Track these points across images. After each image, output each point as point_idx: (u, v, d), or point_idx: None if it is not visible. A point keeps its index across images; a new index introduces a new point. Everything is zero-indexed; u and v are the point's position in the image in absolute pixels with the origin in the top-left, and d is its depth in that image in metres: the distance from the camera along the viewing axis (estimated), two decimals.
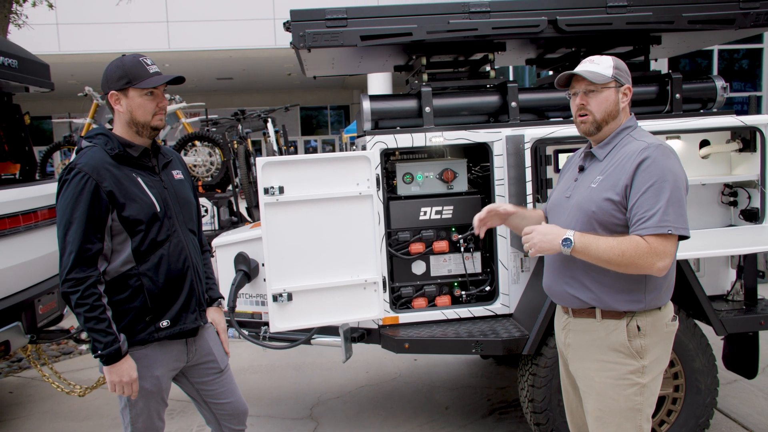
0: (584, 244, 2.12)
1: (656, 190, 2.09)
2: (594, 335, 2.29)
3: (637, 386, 2.24)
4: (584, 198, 2.26)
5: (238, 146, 8.00)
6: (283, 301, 3.23)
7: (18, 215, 3.95)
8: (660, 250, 2.07)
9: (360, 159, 3.29)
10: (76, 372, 5.26)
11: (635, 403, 2.24)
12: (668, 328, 2.29)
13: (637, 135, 2.27)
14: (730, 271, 3.68)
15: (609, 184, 2.20)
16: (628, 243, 2.08)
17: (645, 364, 2.23)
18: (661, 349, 2.28)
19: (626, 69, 2.31)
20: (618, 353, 2.24)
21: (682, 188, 2.13)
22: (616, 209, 2.18)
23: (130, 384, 2.32)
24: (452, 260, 3.59)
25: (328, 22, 3.28)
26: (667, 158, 2.13)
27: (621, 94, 2.28)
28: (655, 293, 2.23)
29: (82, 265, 2.23)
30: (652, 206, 2.08)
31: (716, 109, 3.78)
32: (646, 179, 2.11)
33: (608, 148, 2.29)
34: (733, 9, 3.45)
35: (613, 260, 2.09)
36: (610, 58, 2.30)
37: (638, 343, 2.23)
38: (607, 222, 2.19)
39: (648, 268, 2.09)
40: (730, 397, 4.16)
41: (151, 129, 2.41)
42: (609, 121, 2.29)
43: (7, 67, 4.14)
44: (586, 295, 2.28)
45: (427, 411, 4.21)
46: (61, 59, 16.19)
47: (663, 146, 2.16)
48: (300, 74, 6.88)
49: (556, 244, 2.15)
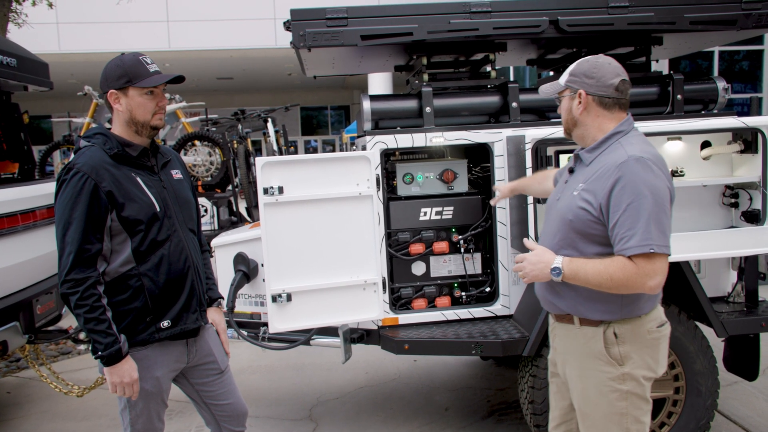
0: (573, 272, 2.13)
1: (635, 208, 2.05)
2: (574, 342, 2.30)
3: (619, 392, 2.21)
4: (565, 205, 2.25)
5: (238, 146, 7.99)
6: (282, 301, 3.22)
7: (16, 215, 3.94)
8: (648, 269, 2.04)
9: (360, 159, 3.28)
10: (75, 372, 5.24)
11: (619, 408, 2.22)
12: (652, 335, 2.23)
13: (624, 142, 2.19)
14: (731, 272, 3.67)
15: (587, 195, 2.17)
16: (615, 266, 2.06)
17: (626, 371, 2.20)
18: (648, 356, 2.22)
19: (586, 71, 2.23)
20: (597, 360, 2.23)
21: (663, 202, 2.07)
22: (592, 221, 2.15)
23: (131, 385, 2.31)
24: (452, 261, 3.58)
25: (329, 22, 3.26)
26: (646, 172, 2.07)
27: (576, 101, 2.24)
28: (632, 306, 2.20)
29: (82, 265, 2.22)
30: (633, 225, 2.04)
31: (717, 111, 3.77)
32: (624, 198, 2.07)
33: (595, 153, 2.25)
34: (735, 10, 3.44)
35: (604, 284, 2.09)
36: (573, 64, 2.28)
37: (616, 351, 2.20)
38: (585, 232, 2.18)
39: (640, 288, 2.07)
40: (731, 399, 4.15)
41: (150, 128, 2.39)
42: (571, 128, 2.30)
43: (6, 66, 4.13)
44: (561, 302, 2.29)
45: (426, 412, 4.20)
46: (61, 58, 16.18)
47: (642, 159, 2.09)
48: (300, 74, 6.88)
49: (546, 273, 2.18)
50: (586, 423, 2.30)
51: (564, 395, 2.46)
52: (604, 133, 2.24)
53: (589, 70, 2.23)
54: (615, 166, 2.11)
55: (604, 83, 2.22)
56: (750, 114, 3.57)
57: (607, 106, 2.24)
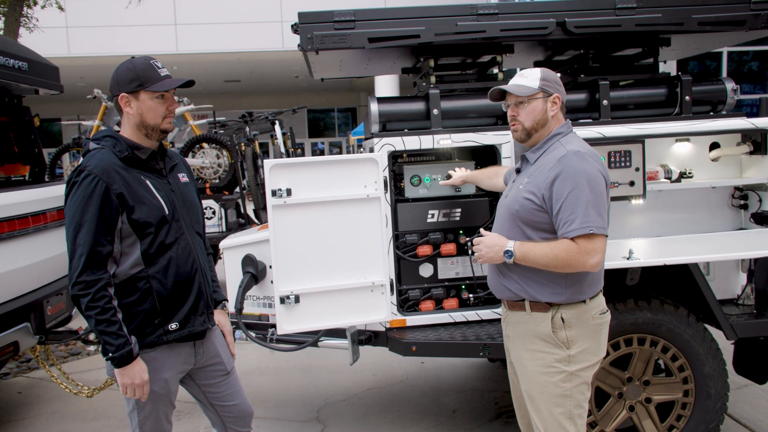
0: (523, 253, 2.38)
1: (575, 195, 2.28)
2: (525, 327, 2.50)
3: (564, 374, 2.41)
4: (512, 199, 2.49)
5: (245, 148, 8.02)
6: (290, 303, 3.23)
7: (27, 217, 3.97)
8: (589, 248, 2.28)
9: (368, 161, 3.29)
10: (84, 373, 5.27)
11: (563, 389, 2.42)
12: (595, 321, 2.44)
13: (564, 141, 2.44)
14: (740, 274, 3.65)
15: (532, 187, 2.41)
16: (560, 247, 2.30)
17: (572, 354, 2.41)
18: (592, 340, 2.44)
19: (555, 79, 2.50)
20: (545, 343, 2.44)
21: (600, 188, 2.32)
22: (536, 209, 2.39)
23: (141, 386, 2.32)
24: (460, 263, 3.58)
25: (336, 25, 3.27)
26: (582, 162, 2.32)
27: (550, 103, 2.47)
28: (576, 287, 2.40)
29: (93, 267, 2.23)
30: (574, 210, 2.28)
31: (726, 112, 3.75)
32: (565, 187, 2.30)
33: (539, 153, 2.50)
34: (743, 10, 3.42)
35: (550, 264, 2.33)
36: (539, 71, 2.48)
37: (563, 334, 2.41)
38: (530, 221, 2.41)
39: (582, 266, 2.30)
40: (741, 403, 4.13)
41: (160, 132, 2.41)
42: (538, 128, 2.49)
43: (18, 70, 4.16)
44: (514, 286, 2.50)
45: (434, 414, 4.20)
46: (71, 62, 16.30)
47: (580, 152, 2.35)
48: (307, 76, 6.89)
49: (500, 255, 2.43)
50: (533, 406, 2.50)
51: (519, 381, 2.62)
52: (549, 134, 2.50)
53: (556, 78, 2.51)
54: (556, 160, 2.37)
55: (564, 92, 2.54)
56: (759, 115, 3.55)
57: (563, 111, 2.54)
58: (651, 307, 3.18)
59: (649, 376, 3.23)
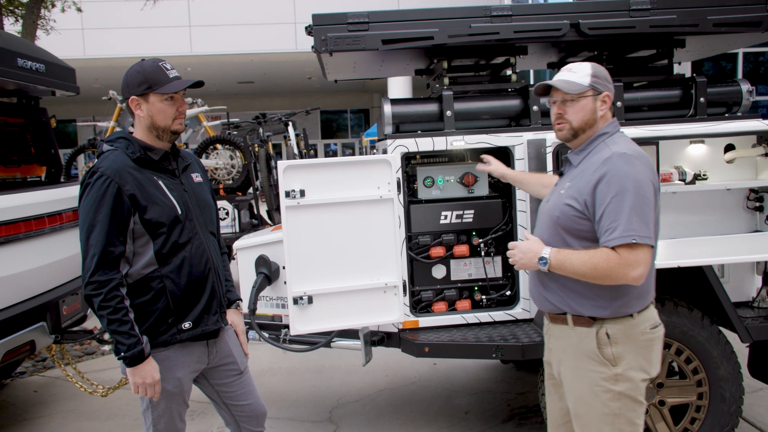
0: (559, 261, 2.20)
1: (618, 200, 2.11)
2: (568, 341, 2.33)
3: (611, 393, 2.23)
4: (553, 204, 2.33)
5: (259, 149, 8.05)
6: (303, 303, 3.24)
7: (43, 217, 4.01)
8: (631, 260, 2.09)
9: (381, 162, 3.29)
10: (99, 372, 5.32)
11: (611, 409, 2.23)
12: (645, 336, 2.25)
13: (610, 142, 2.27)
14: (755, 277, 3.61)
15: (573, 192, 2.25)
16: (600, 256, 2.12)
17: (619, 372, 2.22)
18: (641, 357, 2.25)
19: (606, 76, 2.32)
20: (590, 360, 2.26)
21: (647, 194, 2.14)
22: (578, 216, 2.22)
23: (153, 385, 2.34)
24: (473, 264, 3.58)
25: (350, 26, 3.29)
26: (628, 165, 2.15)
27: (599, 102, 2.30)
28: (622, 300, 2.22)
29: (105, 267, 2.25)
30: (616, 217, 2.10)
31: (741, 113, 3.72)
32: (608, 191, 2.13)
33: (583, 155, 2.33)
34: (759, 11, 3.39)
35: (588, 274, 2.15)
36: (589, 66, 2.31)
37: (609, 351, 2.23)
38: (571, 228, 2.24)
39: (623, 279, 2.11)
40: (756, 406, 4.09)
41: (171, 133, 2.42)
42: (586, 128, 2.32)
43: (35, 72, 4.21)
44: (555, 298, 2.33)
45: (446, 415, 4.20)
46: (86, 63, 16.44)
47: (626, 154, 2.17)
48: (320, 78, 6.92)
49: (534, 262, 2.26)
50: (580, 423, 2.32)
51: (561, 396, 2.48)
52: (593, 134, 2.33)
53: (607, 75, 2.32)
54: (600, 163, 2.19)
55: (613, 89, 2.35)
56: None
57: (611, 110, 2.36)
58: (665, 310, 3.15)
59: (663, 378, 3.21)
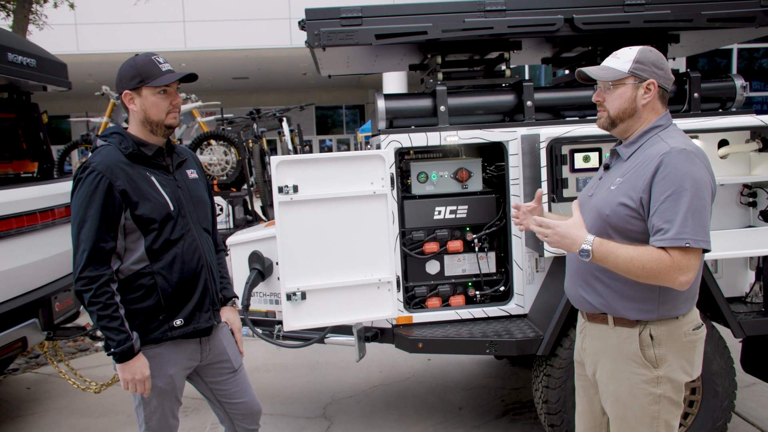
0: (603, 255, 2.04)
1: (675, 199, 1.97)
2: (607, 342, 2.23)
3: (652, 396, 2.15)
4: (602, 200, 2.18)
5: (253, 145, 8.03)
6: (297, 299, 3.23)
7: (36, 213, 3.99)
8: (683, 264, 1.96)
9: (375, 158, 3.29)
10: (92, 369, 5.30)
11: (651, 412, 2.16)
12: (688, 338, 2.16)
13: (664, 135, 2.12)
14: (748, 272, 3.63)
15: (626, 189, 2.10)
16: (649, 256, 1.98)
17: (661, 374, 2.13)
18: (683, 358, 2.16)
19: (655, 61, 2.14)
20: (631, 362, 2.16)
21: (705, 196, 1.99)
22: (631, 216, 2.08)
23: (142, 382, 2.33)
24: (466, 260, 3.58)
25: (343, 21, 3.27)
26: (689, 163, 1.99)
27: (642, 90, 2.13)
28: (671, 304, 2.12)
29: (96, 263, 2.24)
30: (671, 217, 1.97)
31: (735, 109, 3.72)
32: (664, 188, 2.00)
33: (633, 148, 2.18)
34: (753, 7, 3.39)
35: (633, 272, 2.01)
36: (636, 50, 2.15)
37: (652, 353, 2.14)
38: (622, 228, 2.10)
39: (670, 282, 1.99)
40: (749, 401, 4.11)
41: (165, 127, 2.41)
42: (624, 118, 2.17)
43: (26, 66, 4.18)
44: (596, 299, 2.22)
45: (440, 411, 4.20)
46: (79, 59, 16.38)
47: (686, 150, 2.01)
48: (315, 73, 6.90)
49: (573, 250, 2.11)
50: (617, 425, 2.24)
51: (592, 398, 2.39)
52: (645, 126, 2.17)
53: (657, 60, 2.15)
54: (657, 156, 2.04)
55: (669, 77, 2.17)
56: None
57: (663, 100, 2.20)
58: None
59: None
